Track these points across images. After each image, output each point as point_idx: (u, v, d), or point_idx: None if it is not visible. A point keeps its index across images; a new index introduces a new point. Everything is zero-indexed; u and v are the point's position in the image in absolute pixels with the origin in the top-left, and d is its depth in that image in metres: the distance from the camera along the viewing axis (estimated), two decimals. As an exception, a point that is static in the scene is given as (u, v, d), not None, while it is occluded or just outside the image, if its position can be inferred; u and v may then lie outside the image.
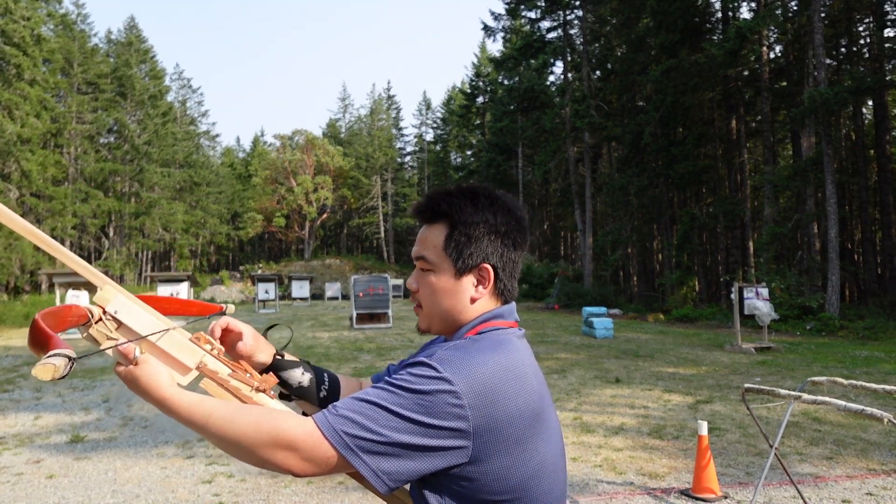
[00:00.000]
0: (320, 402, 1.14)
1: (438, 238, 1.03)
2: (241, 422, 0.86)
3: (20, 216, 0.92)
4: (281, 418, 0.86)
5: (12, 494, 4.75)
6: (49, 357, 0.77)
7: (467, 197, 1.03)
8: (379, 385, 0.88)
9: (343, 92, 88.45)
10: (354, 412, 0.84)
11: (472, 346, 0.92)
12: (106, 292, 0.96)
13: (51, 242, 0.93)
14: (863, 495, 4.53)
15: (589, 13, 30.66)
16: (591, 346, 13.36)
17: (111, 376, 10.31)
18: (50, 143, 35.95)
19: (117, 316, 0.95)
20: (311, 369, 1.16)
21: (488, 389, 0.87)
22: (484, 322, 1.02)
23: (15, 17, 30.22)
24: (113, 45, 47.02)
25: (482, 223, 1.01)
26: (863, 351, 12.47)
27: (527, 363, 0.96)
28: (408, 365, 0.92)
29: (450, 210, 1.02)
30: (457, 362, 0.88)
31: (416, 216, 1.07)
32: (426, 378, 0.86)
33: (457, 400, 0.84)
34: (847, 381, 4.02)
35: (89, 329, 0.94)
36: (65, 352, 0.79)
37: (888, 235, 23.86)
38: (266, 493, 4.70)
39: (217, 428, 0.86)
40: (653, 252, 33.51)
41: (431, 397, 0.84)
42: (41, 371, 0.75)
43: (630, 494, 4.60)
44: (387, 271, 43.47)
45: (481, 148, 45.43)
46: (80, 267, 0.96)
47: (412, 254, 1.06)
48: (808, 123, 19.43)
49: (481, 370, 0.88)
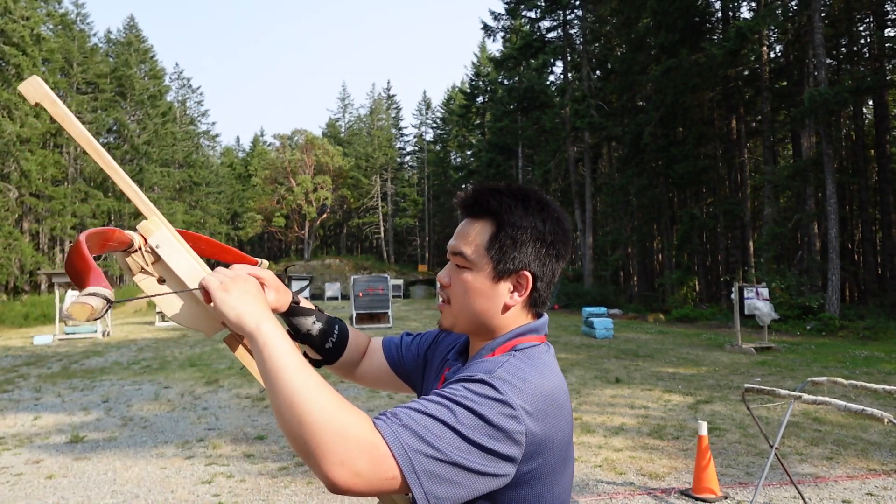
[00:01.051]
0: (324, 352, 1.16)
1: (482, 236, 0.97)
2: (322, 395, 0.76)
3: (17, 216, 0.89)
4: (353, 422, 0.76)
5: (12, 495, 4.74)
6: (87, 295, 0.72)
7: (518, 198, 0.99)
8: (435, 399, 0.82)
9: (343, 92, 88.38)
10: (419, 426, 0.78)
11: (523, 366, 0.89)
12: (151, 223, 0.93)
13: (106, 158, 0.90)
14: (863, 495, 4.53)
15: (589, 13, 30.67)
16: (591, 346, 13.35)
17: (111, 376, 10.31)
18: (49, 142, 35.91)
19: (157, 250, 0.92)
20: (324, 320, 1.16)
21: (542, 415, 0.85)
22: (520, 336, 0.98)
23: (14, 17, 30.21)
24: (112, 45, 46.99)
25: (530, 228, 0.97)
26: (863, 351, 12.47)
27: (565, 389, 0.94)
28: (463, 380, 0.86)
29: (499, 209, 0.97)
30: (513, 383, 0.84)
31: (462, 208, 1.02)
32: (489, 399, 0.81)
33: (518, 425, 0.81)
34: (847, 382, 4.02)
35: (126, 257, 0.92)
36: (103, 291, 0.73)
37: (888, 235, 23.86)
38: (266, 494, 4.69)
39: (299, 380, 0.77)
40: (653, 252, 33.51)
41: (494, 419, 0.80)
42: (77, 310, 0.70)
43: (630, 494, 4.60)
44: (386, 271, 43.46)
45: (481, 148, 45.38)
46: (132, 192, 0.91)
47: (449, 247, 1.01)
48: (809, 123, 19.42)
49: (537, 393, 0.85)
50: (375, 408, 7.46)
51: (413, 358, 1.22)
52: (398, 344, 1.26)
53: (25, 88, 0.85)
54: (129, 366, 11.50)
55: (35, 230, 34.37)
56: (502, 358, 0.91)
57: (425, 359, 1.21)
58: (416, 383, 1.21)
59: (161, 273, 0.93)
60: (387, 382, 1.26)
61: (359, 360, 1.26)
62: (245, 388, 8.93)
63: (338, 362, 1.20)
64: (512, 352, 0.94)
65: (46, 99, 0.85)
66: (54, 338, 16.37)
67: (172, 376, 10.17)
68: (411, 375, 1.22)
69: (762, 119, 24.15)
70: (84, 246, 0.78)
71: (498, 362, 0.89)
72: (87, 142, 0.88)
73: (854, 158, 26.77)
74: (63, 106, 0.86)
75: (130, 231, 0.93)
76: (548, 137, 32.00)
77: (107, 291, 0.73)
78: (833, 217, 18.45)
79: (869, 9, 23.33)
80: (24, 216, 32.86)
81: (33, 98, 0.85)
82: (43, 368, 11.44)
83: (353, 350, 1.22)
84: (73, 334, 16.88)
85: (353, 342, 1.22)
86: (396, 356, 1.24)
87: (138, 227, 0.93)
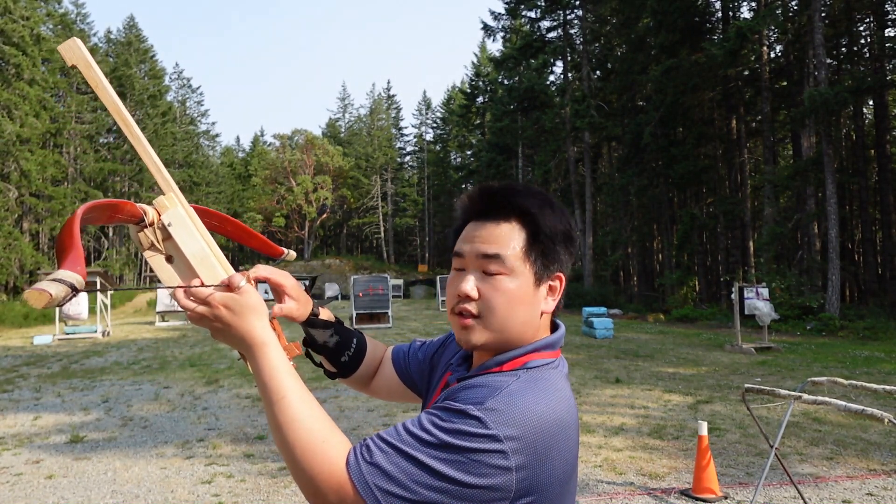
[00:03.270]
0: (339, 365, 1.15)
1: (517, 240, 0.90)
2: (301, 431, 0.80)
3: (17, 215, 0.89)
4: (324, 461, 0.78)
5: (11, 495, 4.74)
6: (50, 280, 0.65)
7: (541, 198, 0.94)
8: (413, 430, 0.79)
9: (343, 91, 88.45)
10: (389, 462, 0.76)
11: (523, 392, 0.82)
12: (168, 199, 0.91)
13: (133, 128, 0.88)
14: (863, 495, 4.53)
15: (589, 13, 30.66)
16: (591, 346, 13.35)
17: (111, 376, 10.31)
18: (49, 142, 35.92)
19: (169, 228, 0.90)
20: (342, 333, 1.14)
21: (538, 448, 0.78)
22: (535, 352, 0.92)
23: (14, 17, 30.22)
24: (112, 45, 47.02)
25: (561, 229, 0.93)
26: (863, 351, 12.47)
27: (574, 416, 0.87)
28: (447, 409, 0.81)
29: (529, 209, 0.92)
30: (507, 413, 0.77)
31: (478, 210, 0.94)
32: (471, 435, 0.76)
33: (505, 461, 0.75)
34: (847, 382, 4.01)
35: (139, 232, 0.89)
36: (70, 277, 0.67)
37: (888, 235, 23.88)
38: (266, 494, 4.69)
39: (282, 414, 0.81)
40: (653, 252, 33.52)
41: (475, 455, 0.75)
42: (34, 297, 0.63)
43: (630, 495, 4.60)
44: (387, 271, 43.45)
45: (481, 148, 45.40)
46: (153, 165, 0.90)
47: (472, 252, 0.91)
48: (809, 123, 19.43)
49: (534, 424, 0.78)
50: (375, 408, 7.46)
51: (419, 364, 1.19)
52: (406, 351, 1.23)
53: (64, 49, 0.85)
54: (129, 366, 11.50)
55: (35, 230, 34.38)
56: (506, 378, 0.85)
57: (432, 363, 1.18)
58: (422, 390, 1.18)
59: (170, 251, 0.91)
60: (398, 394, 1.23)
61: (374, 374, 1.24)
62: (245, 388, 8.93)
63: (353, 376, 1.18)
64: (520, 370, 0.88)
65: (83, 62, 0.85)
66: (54, 338, 16.37)
67: (172, 376, 10.17)
68: (417, 383, 1.19)
69: (762, 119, 24.15)
70: (77, 221, 0.74)
71: (498, 386, 0.83)
72: (116, 110, 0.87)
73: (854, 158, 26.78)
74: (98, 70, 0.86)
75: (146, 205, 0.91)
76: (548, 137, 32.00)
77: (75, 277, 0.67)
78: (833, 217, 18.45)
79: (869, 9, 23.33)
80: (24, 216, 32.87)
81: (70, 60, 0.85)
82: (43, 368, 11.44)
83: (369, 364, 1.20)
84: (72, 334, 16.88)
85: (371, 356, 1.20)
86: (403, 364, 1.21)
87: (154, 202, 0.91)
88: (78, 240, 0.73)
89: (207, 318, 0.87)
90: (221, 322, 0.86)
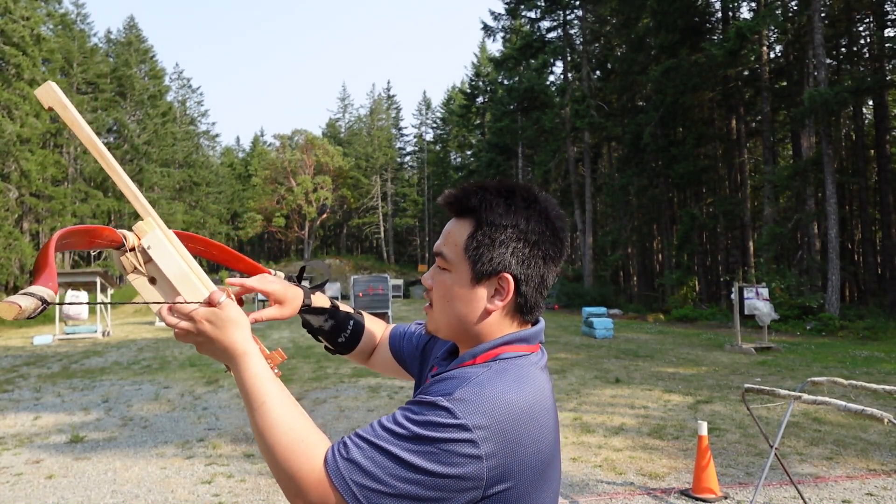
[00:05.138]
0: (337, 345, 1.23)
1: (461, 236, 0.93)
2: (281, 433, 0.82)
3: (17, 216, 0.91)
4: (302, 460, 0.81)
5: (12, 495, 4.75)
6: (21, 294, 0.69)
7: (502, 195, 0.92)
8: (387, 425, 0.81)
9: (343, 92, 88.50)
10: (365, 458, 0.78)
11: (491, 381, 0.83)
12: (146, 224, 0.94)
13: (109, 160, 0.93)
14: (863, 495, 4.53)
15: (589, 13, 30.67)
16: (590, 347, 13.36)
17: (111, 376, 10.31)
18: (49, 142, 35.90)
19: (149, 251, 0.93)
20: (337, 316, 1.21)
21: (508, 435, 0.79)
22: (506, 345, 0.92)
23: (14, 17, 30.20)
24: (112, 45, 46.99)
25: (511, 227, 0.90)
26: (863, 351, 12.47)
27: (547, 404, 0.88)
28: (418, 402, 0.83)
29: (479, 206, 0.92)
30: (476, 402, 0.79)
31: (446, 207, 0.97)
32: (441, 426, 0.77)
33: (474, 449, 0.77)
34: (847, 382, 4.01)
35: (121, 256, 0.93)
36: (41, 292, 0.71)
37: (888, 235, 23.86)
38: (266, 493, 4.69)
39: (262, 419, 0.84)
40: (653, 252, 33.52)
41: (445, 445, 0.77)
42: (3, 309, 0.68)
43: (630, 494, 4.60)
44: (386, 271, 43.47)
45: (481, 148, 45.38)
46: (130, 193, 0.94)
47: (434, 248, 0.98)
48: (808, 123, 19.43)
49: (502, 412, 0.80)
50: (375, 408, 7.46)
51: (412, 349, 1.23)
52: (402, 333, 1.28)
53: (40, 94, 0.89)
54: (129, 366, 11.50)
55: (35, 230, 34.36)
56: (476, 370, 0.87)
57: (424, 351, 1.20)
58: (415, 374, 1.22)
59: (152, 273, 0.94)
60: (394, 370, 1.29)
61: (373, 350, 1.31)
62: (245, 388, 8.92)
63: (351, 353, 1.27)
64: (491, 362, 0.89)
65: (58, 104, 0.89)
66: (54, 338, 16.37)
67: (172, 376, 10.17)
68: (409, 366, 1.24)
69: (762, 119, 24.16)
70: (53, 245, 0.79)
71: (467, 377, 0.84)
72: (92, 144, 0.91)
73: (854, 158, 26.78)
74: (73, 110, 0.89)
75: (126, 231, 0.94)
76: (548, 137, 32.00)
77: (46, 292, 0.72)
78: (833, 217, 18.45)
79: (869, 9, 23.31)
80: (24, 216, 32.86)
81: (47, 102, 0.89)
82: (43, 368, 11.44)
83: (367, 342, 1.27)
84: (73, 334, 16.88)
85: (369, 335, 1.27)
86: (398, 345, 1.26)
87: (134, 227, 0.95)
88: (52, 261, 0.77)
89: (192, 333, 0.91)
90: (205, 336, 0.90)
